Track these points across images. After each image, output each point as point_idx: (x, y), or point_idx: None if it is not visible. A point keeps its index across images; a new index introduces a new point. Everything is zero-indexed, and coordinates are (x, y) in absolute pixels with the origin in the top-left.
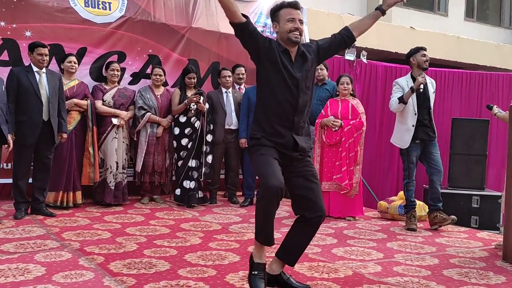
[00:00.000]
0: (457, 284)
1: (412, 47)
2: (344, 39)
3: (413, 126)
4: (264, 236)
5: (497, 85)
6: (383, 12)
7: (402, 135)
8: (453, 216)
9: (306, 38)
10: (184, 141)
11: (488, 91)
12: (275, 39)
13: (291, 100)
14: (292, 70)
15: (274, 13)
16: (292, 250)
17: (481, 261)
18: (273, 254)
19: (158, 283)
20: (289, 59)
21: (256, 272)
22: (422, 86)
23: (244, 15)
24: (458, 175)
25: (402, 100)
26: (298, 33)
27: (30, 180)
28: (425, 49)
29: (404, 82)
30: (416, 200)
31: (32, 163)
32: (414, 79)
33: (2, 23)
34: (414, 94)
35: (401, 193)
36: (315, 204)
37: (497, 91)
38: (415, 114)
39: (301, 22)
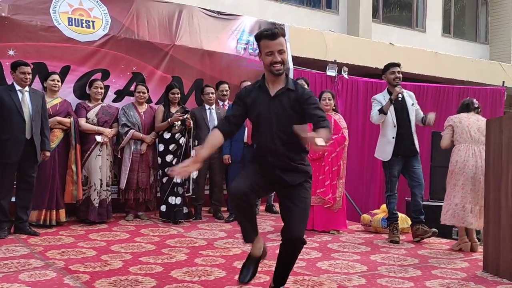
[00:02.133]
0: None
1: (391, 62)
2: (311, 120)
3: (393, 138)
4: (242, 233)
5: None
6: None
7: (384, 147)
8: (434, 229)
9: (288, 56)
10: (169, 158)
11: None
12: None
13: (267, 144)
14: (266, 108)
15: (257, 42)
16: (277, 272)
17: (462, 272)
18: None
19: None
20: (266, 97)
21: (246, 261)
22: (400, 96)
23: (220, 130)
24: (439, 188)
25: (382, 111)
26: (279, 65)
27: (13, 199)
28: (396, 65)
29: (382, 97)
30: (398, 212)
31: (14, 182)
32: (390, 93)
33: None
34: (393, 107)
35: (384, 206)
36: (289, 227)
37: None
38: (395, 126)
39: (281, 52)
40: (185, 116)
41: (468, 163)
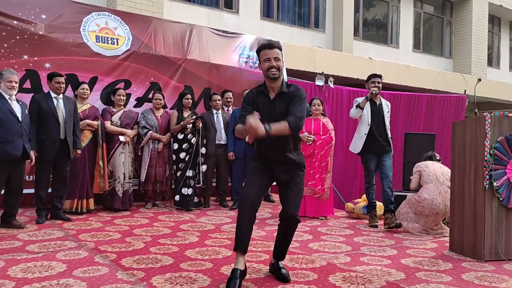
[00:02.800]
0: (413, 270)
1: (369, 74)
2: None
3: (365, 134)
4: (238, 241)
5: (441, 105)
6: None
7: (356, 142)
8: (398, 221)
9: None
10: (182, 155)
11: (433, 110)
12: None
13: (268, 142)
14: (268, 110)
15: (257, 54)
16: (276, 248)
17: (431, 251)
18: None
19: (164, 275)
20: (266, 100)
21: (231, 276)
22: (374, 92)
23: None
24: (410, 180)
25: (359, 106)
26: (275, 70)
27: (50, 190)
28: (377, 76)
29: (361, 100)
30: (376, 201)
31: (51, 175)
32: (370, 100)
33: (25, 56)
34: (370, 108)
35: (364, 196)
36: (286, 208)
37: (442, 110)
38: (368, 124)
39: (277, 59)
40: (194, 119)
41: (436, 200)
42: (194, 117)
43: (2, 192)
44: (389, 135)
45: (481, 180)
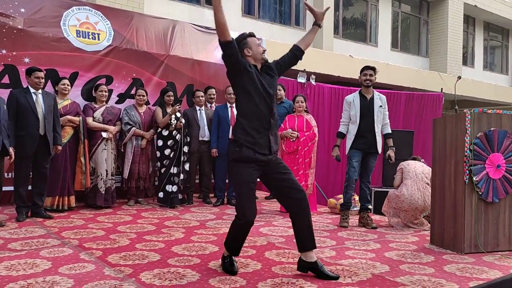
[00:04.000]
0: (397, 263)
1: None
2: (294, 53)
3: (354, 135)
4: (232, 248)
5: (419, 102)
6: (319, 26)
7: (347, 142)
8: (374, 224)
9: None
10: (167, 151)
11: (411, 107)
12: None
13: (267, 106)
14: (264, 83)
15: (242, 41)
16: (305, 237)
17: (413, 245)
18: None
19: (152, 271)
20: (259, 74)
21: (227, 261)
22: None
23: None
24: (389, 177)
25: (341, 136)
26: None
27: (29, 187)
28: (369, 68)
29: (351, 97)
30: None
31: (31, 172)
32: (361, 95)
33: (4, 51)
34: (359, 105)
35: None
36: (295, 188)
37: (418, 107)
38: (357, 124)
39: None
40: (179, 105)
41: (414, 196)
42: (178, 104)
43: None
44: (383, 133)
45: (461, 174)
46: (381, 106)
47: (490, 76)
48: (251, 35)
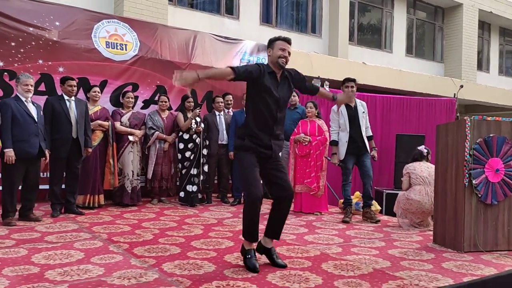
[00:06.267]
0: (398, 259)
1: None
2: (310, 89)
3: (346, 141)
4: (249, 235)
5: (431, 108)
6: (334, 101)
7: (340, 149)
8: (378, 218)
9: None
10: (187, 154)
11: (424, 112)
12: (265, 63)
13: (271, 113)
14: (275, 90)
15: (272, 42)
16: (275, 227)
17: (417, 243)
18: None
19: (173, 262)
20: (274, 81)
21: (249, 256)
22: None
23: (230, 67)
24: (401, 180)
25: (336, 143)
26: (285, 61)
27: (63, 186)
28: (350, 80)
29: (336, 107)
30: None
31: (64, 172)
32: (346, 104)
33: (40, 61)
34: (346, 114)
35: (357, 192)
36: (285, 186)
37: (431, 112)
38: (347, 132)
39: (289, 53)
40: (199, 110)
41: (423, 201)
42: (198, 108)
43: (20, 187)
44: (365, 135)
45: (461, 178)
46: (363, 112)
47: (506, 81)
48: (283, 39)
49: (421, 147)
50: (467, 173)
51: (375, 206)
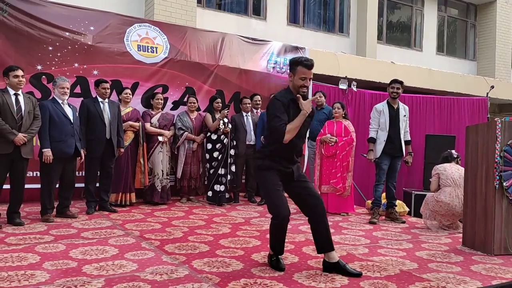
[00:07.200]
0: (426, 261)
1: (392, 78)
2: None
3: (384, 141)
4: (277, 248)
5: (462, 108)
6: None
7: (376, 147)
8: (403, 219)
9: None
10: (215, 154)
11: (454, 112)
12: (287, 86)
13: (291, 141)
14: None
15: (292, 65)
16: (323, 241)
17: (445, 246)
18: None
19: (202, 260)
20: (297, 108)
21: (274, 259)
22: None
23: (283, 126)
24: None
25: (374, 141)
26: (306, 89)
27: (97, 184)
28: (396, 82)
29: (381, 106)
30: (397, 200)
31: (98, 171)
32: (389, 104)
33: (76, 64)
34: (388, 114)
35: (384, 194)
36: (312, 194)
37: (462, 112)
38: (387, 132)
39: (310, 79)
40: (227, 110)
41: (453, 203)
42: (227, 108)
43: (57, 186)
44: (403, 139)
45: (491, 180)
46: (405, 115)
47: None
48: (305, 65)
49: (451, 151)
50: (497, 175)
51: (404, 207)
